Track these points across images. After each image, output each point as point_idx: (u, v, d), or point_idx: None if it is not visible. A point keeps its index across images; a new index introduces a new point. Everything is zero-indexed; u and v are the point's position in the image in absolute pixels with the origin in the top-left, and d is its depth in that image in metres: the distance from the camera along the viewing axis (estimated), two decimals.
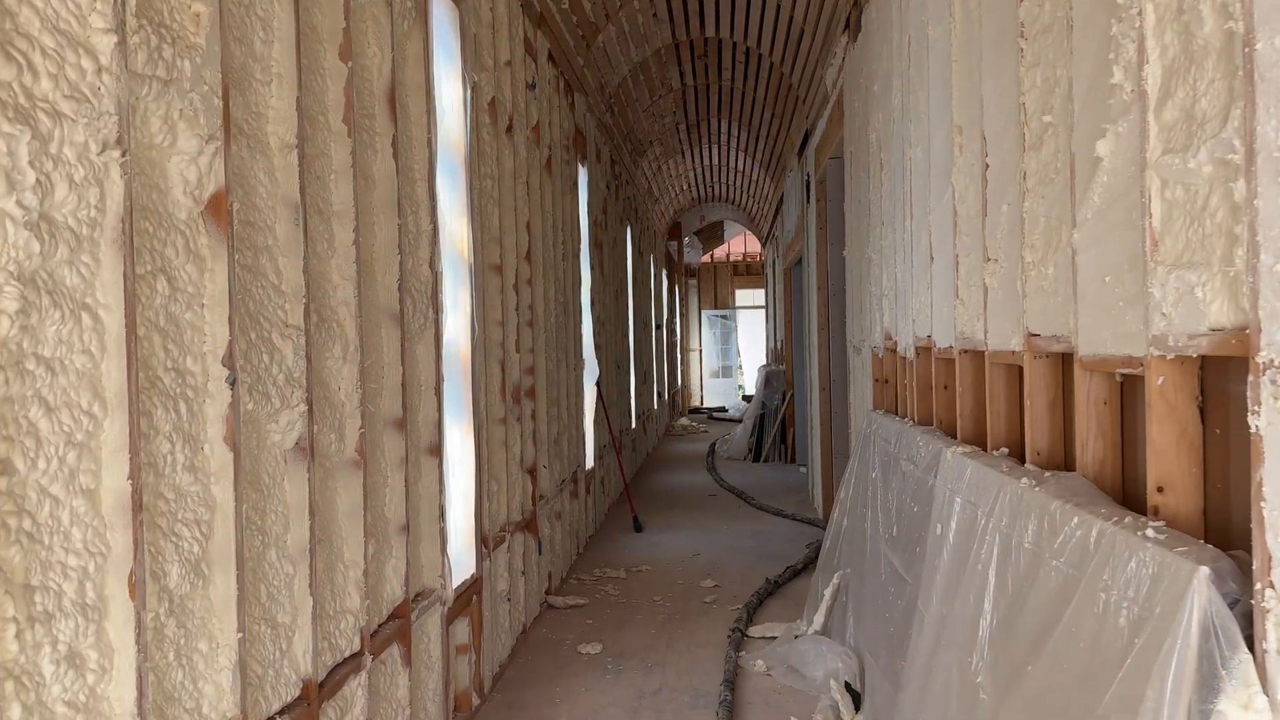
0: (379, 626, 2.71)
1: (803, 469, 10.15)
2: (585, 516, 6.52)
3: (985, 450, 2.60)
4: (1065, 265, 1.96)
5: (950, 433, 3.09)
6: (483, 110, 3.98)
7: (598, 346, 7.27)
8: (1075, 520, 1.70)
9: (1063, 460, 2.20)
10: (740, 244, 21.85)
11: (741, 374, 21.99)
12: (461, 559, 3.47)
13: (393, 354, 2.81)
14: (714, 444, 12.83)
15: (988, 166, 2.48)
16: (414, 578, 3.00)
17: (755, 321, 21.66)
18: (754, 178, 12.13)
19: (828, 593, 4.04)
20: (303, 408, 2.17)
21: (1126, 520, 1.56)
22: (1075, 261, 1.87)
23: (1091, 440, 1.89)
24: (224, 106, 1.88)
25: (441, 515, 3.14)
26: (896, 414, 3.87)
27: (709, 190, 14.07)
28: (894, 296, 3.86)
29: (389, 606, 2.78)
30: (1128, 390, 1.91)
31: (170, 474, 1.75)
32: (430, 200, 3.12)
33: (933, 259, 3.11)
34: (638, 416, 10.71)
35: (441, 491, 3.14)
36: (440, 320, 3.18)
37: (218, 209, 1.87)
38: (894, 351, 4.01)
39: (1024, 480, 2.00)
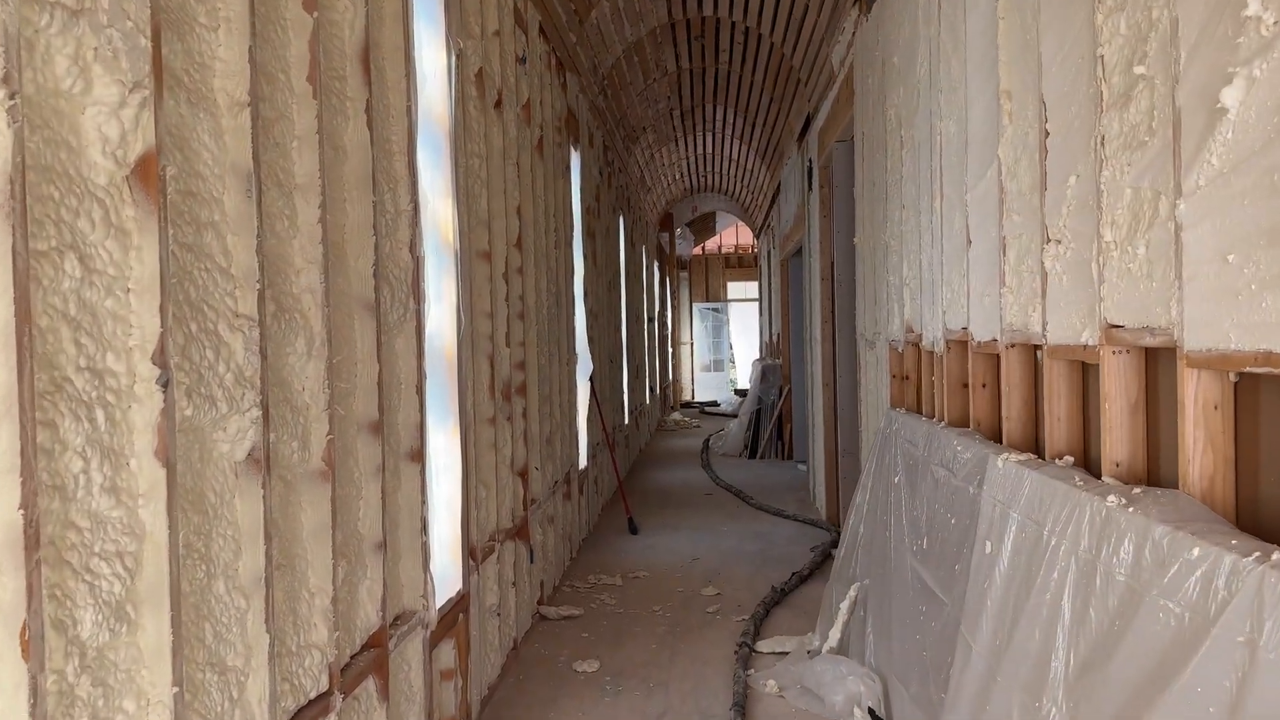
0: (351, 659, 2.38)
1: (801, 466, 9.86)
2: (579, 519, 6.20)
3: (1042, 458, 2.29)
4: (1164, 243, 1.64)
5: (992, 436, 2.79)
6: (469, 82, 3.65)
7: (591, 340, 6.95)
8: (1195, 552, 1.39)
9: (1146, 474, 1.89)
10: (732, 235, 21.53)
11: (733, 368, 21.70)
12: (446, 574, 3.15)
13: (367, 349, 2.48)
14: (708, 439, 12.52)
15: (1047, 134, 2.17)
16: (392, 600, 2.67)
17: (747, 314, 21.36)
18: (749, 167, 11.81)
19: (844, 606, 3.73)
20: (256, 412, 1.84)
21: (1275, 557, 1.25)
22: (1180, 238, 1.56)
23: (1199, 453, 1.58)
24: (154, 49, 1.54)
25: (424, 528, 2.81)
26: (921, 413, 3.56)
27: (702, 180, 13.74)
28: (918, 285, 3.55)
29: (363, 635, 2.46)
30: (1241, 392, 1.60)
31: (84, 498, 1.42)
32: (410, 177, 2.79)
33: (970, 243, 2.79)
34: (631, 412, 10.40)
35: (424, 502, 2.82)
36: (422, 311, 2.85)
37: (146, 174, 1.54)
38: (917, 345, 3.70)
39: (1111, 498, 1.69)
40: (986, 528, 2.34)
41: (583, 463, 6.55)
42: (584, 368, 6.57)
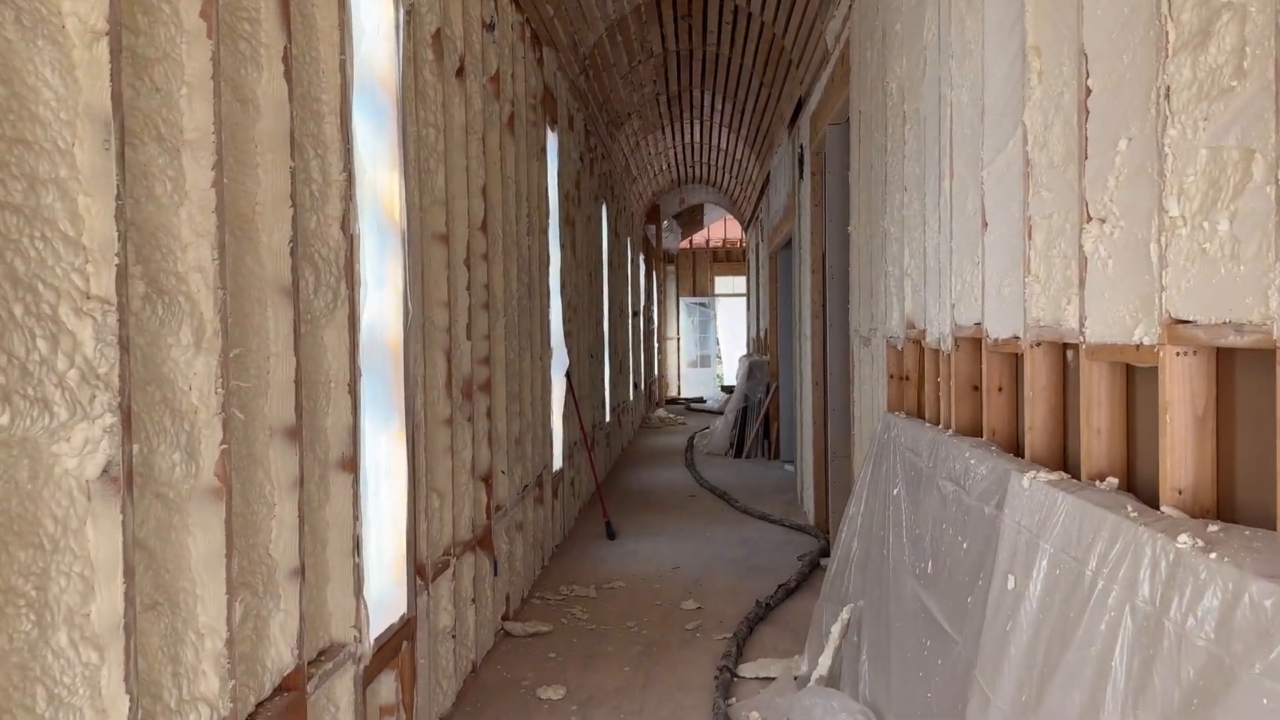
0: (258, 707, 2.01)
1: (788, 467, 9.52)
2: (551, 525, 5.83)
3: (1075, 478, 1.94)
4: (1259, 214, 1.29)
5: (1009, 448, 2.44)
6: (424, 44, 3.27)
7: (568, 334, 6.58)
8: None
9: (1216, 504, 1.54)
10: (720, 229, 21.18)
11: (720, 364, 21.36)
12: (387, 598, 2.78)
13: (283, 340, 2.11)
14: (693, 438, 12.17)
15: (1089, 93, 1.81)
16: (314, 634, 2.30)
17: (735, 310, 21.02)
18: (738, 156, 11.45)
19: (835, 630, 3.38)
20: (111, 418, 1.47)
21: None
22: None
23: None
24: None
25: (356, 547, 2.44)
26: (924, 418, 3.21)
27: (689, 171, 13.37)
28: (921, 276, 3.20)
29: (275, 678, 2.09)
30: None
31: None
32: (343, 142, 2.41)
33: (986, 226, 2.44)
34: (612, 409, 10.03)
35: (356, 517, 2.45)
36: (357, 298, 2.48)
37: None
38: (919, 343, 3.35)
39: (1183, 537, 1.34)
40: (1008, 558, 1.99)
41: (557, 464, 6.18)
42: (560, 363, 6.20)
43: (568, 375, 6.46)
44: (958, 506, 2.43)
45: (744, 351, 15.93)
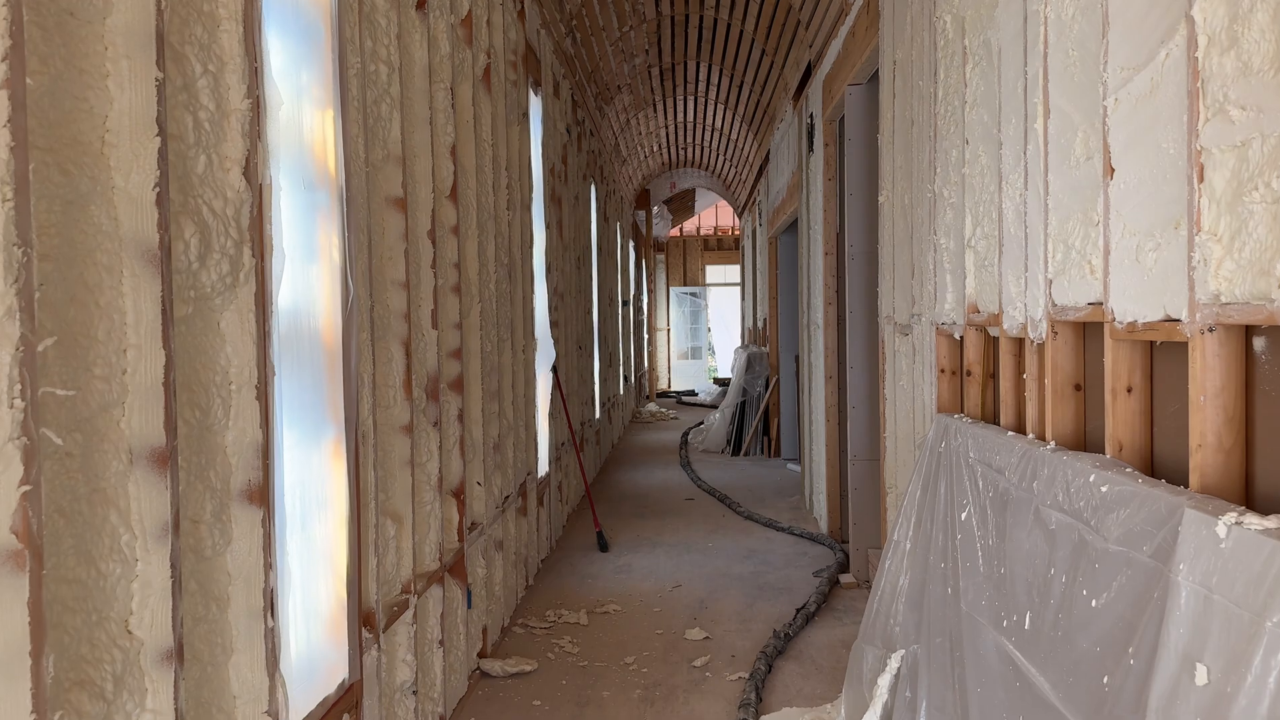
0: None
1: (791, 465, 8.94)
2: (536, 538, 5.20)
3: None
4: None
5: (1142, 468, 1.83)
6: None
7: (555, 324, 5.94)
8: None
9: None
10: (711, 216, 20.57)
11: (712, 356, 20.75)
12: (320, 662, 2.15)
13: (146, 326, 1.47)
14: (686, 433, 11.57)
15: None
16: None
17: (727, 300, 20.45)
18: (733, 136, 10.82)
19: (884, 681, 2.77)
20: None
21: None
22: None
23: None
24: None
25: (269, 607, 1.81)
26: (998, 424, 2.60)
27: (681, 153, 12.74)
28: (993, 246, 2.58)
29: None
30: None
31: None
32: (248, 59, 1.78)
33: (1112, 171, 1.83)
34: (602, 405, 9.41)
35: (270, 565, 1.82)
36: (269, 271, 1.85)
37: None
38: (983, 329, 2.75)
39: None
40: (1190, 636, 1.38)
41: (543, 469, 5.56)
42: (546, 355, 5.57)
43: (554, 369, 5.83)
44: (1077, 547, 1.82)
45: (739, 343, 15.33)
